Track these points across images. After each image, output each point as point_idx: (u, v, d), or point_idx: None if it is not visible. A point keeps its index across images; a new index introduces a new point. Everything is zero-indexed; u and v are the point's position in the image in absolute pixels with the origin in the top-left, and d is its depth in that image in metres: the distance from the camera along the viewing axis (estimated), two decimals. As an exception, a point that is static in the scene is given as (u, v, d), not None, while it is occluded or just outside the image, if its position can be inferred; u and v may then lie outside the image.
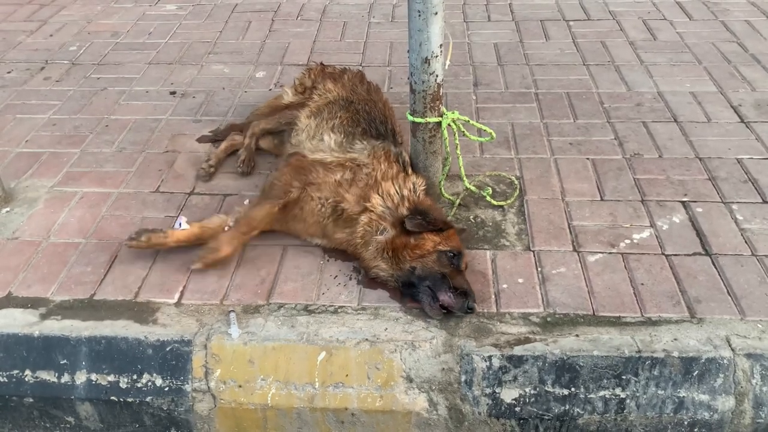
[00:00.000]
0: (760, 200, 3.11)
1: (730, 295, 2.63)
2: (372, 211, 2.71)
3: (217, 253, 2.69)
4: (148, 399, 2.50)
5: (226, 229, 2.83)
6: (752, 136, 3.56)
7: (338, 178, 2.76)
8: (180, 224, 2.82)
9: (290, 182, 2.73)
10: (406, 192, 2.77)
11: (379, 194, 2.73)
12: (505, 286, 2.70)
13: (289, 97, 3.59)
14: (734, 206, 3.07)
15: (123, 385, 2.50)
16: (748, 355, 2.40)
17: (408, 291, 2.62)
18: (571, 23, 4.89)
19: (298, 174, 2.75)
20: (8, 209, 3.16)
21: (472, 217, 3.08)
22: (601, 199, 3.15)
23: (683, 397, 2.39)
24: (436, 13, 2.68)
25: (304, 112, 3.31)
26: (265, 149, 3.56)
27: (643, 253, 2.83)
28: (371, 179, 2.76)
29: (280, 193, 2.73)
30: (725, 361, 2.39)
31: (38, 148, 3.62)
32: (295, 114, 3.37)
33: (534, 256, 2.84)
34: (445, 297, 2.51)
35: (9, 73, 4.41)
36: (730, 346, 2.42)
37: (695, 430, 2.41)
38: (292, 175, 2.75)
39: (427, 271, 2.57)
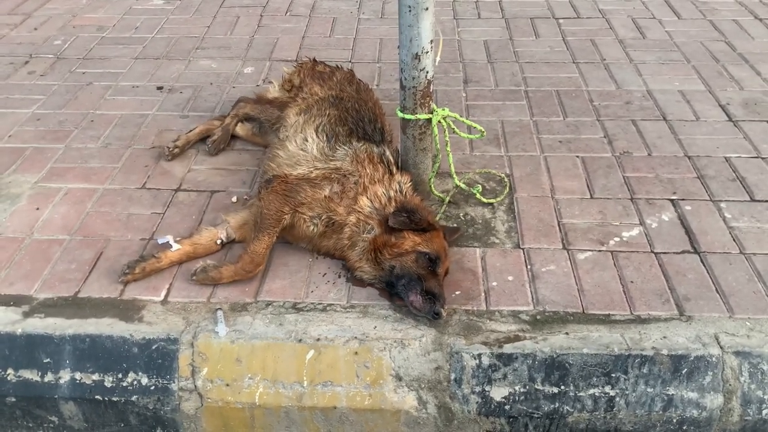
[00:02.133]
0: (748, 198, 3.12)
1: (718, 293, 2.63)
2: (360, 212, 2.71)
3: (217, 281, 2.67)
4: (134, 398, 2.46)
5: (218, 242, 2.81)
6: (740, 135, 3.57)
7: (327, 193, 2.73)
8: (169, 242, 2.76)
9: (280, 209, 2.70)
10: (392, 193, 2.77)
11: (367, 197, 2.73)
12: (494, 283, 2.69)
13: (275, 90, 3.56)
14: (722, 204, 3.08)
15: (108, 384, 2.47)
16: (737, 353, 2.40)
17: (393, 291, 2.60)
18: (560, 21, 4.89)
19: (285, 198, 2.72)
20: (-10, 205, 3.10)
21: (461, 214, 3.07)
22: (591, 197, 3.15)
23: (672, 395, 2.39)
24: (427, 9, 2.66)
25: (294, 110, 3.28)
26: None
27: (632, 251, 2.83)
28: (360, 187, 2.75)
29: (274, 222, 2.70)
30: (714, 359, 2.40)
31: (22, 143, 3.55)
32: (278, 114, 3.34)
33: (524, 253, 2.83)
34: (415, 297, 2.49)
35: (-8, 67, 4.34)
36: (718, 343, 2.43)
37: (684, 427, 2.42)
38: (280, 201, 2.71)
39: (405, 271, 2.55)
